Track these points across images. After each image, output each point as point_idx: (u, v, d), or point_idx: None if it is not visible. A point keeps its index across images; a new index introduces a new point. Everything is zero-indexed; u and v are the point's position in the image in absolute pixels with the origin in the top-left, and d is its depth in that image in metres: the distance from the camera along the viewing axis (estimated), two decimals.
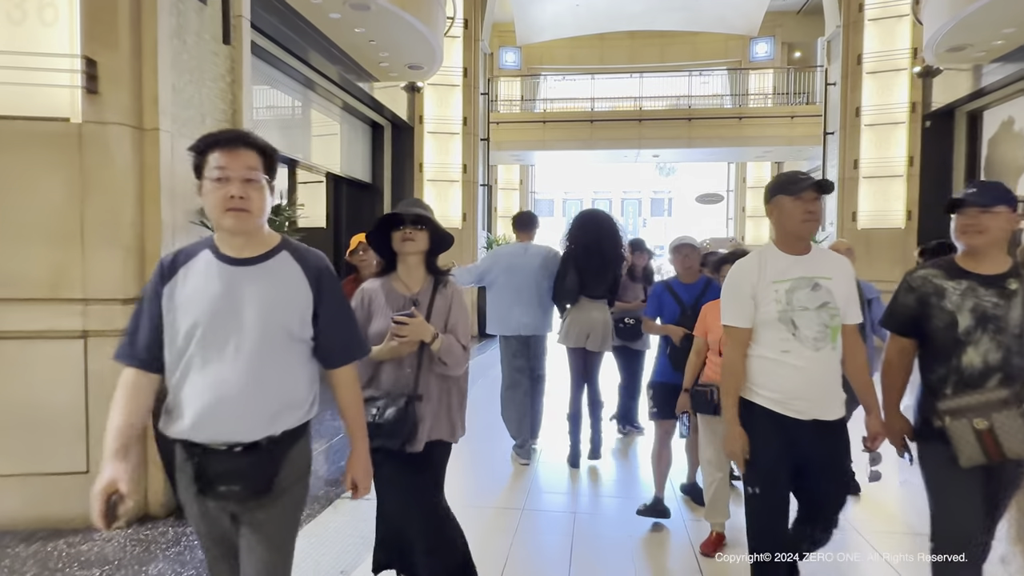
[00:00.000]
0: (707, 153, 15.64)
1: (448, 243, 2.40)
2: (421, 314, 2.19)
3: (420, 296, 2.29)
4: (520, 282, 4.36)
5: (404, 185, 11.22)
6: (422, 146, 11.20)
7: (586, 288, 4.28)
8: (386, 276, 2.35)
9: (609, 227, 4.38)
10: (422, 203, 2.44)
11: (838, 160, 10.72)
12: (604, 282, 4.32)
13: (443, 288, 2.34)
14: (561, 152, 15.44)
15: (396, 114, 10.53)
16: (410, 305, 2.21)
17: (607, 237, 4.32)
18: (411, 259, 2.31)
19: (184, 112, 3.50)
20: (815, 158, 14.94)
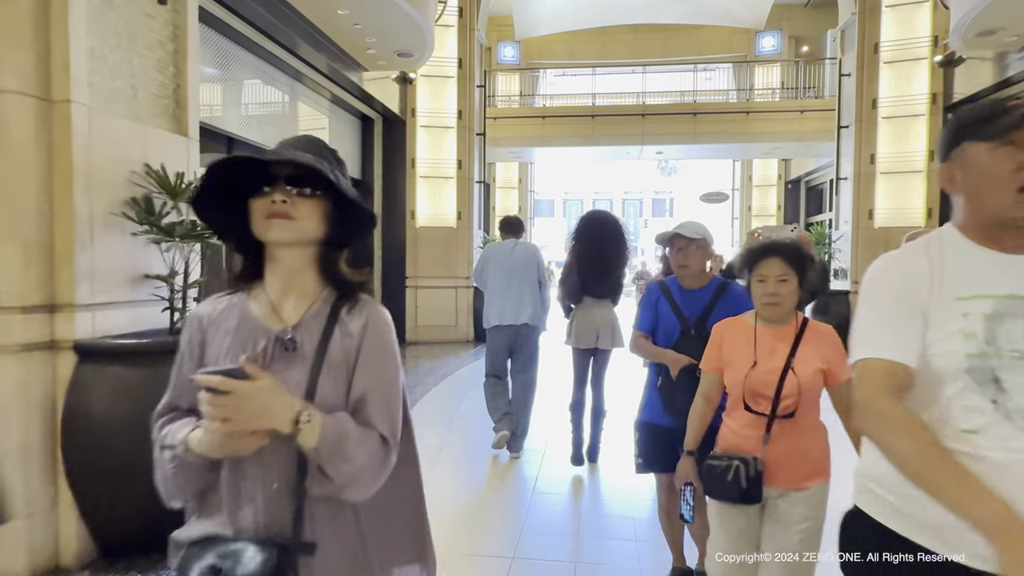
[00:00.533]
0: (712, 150, 15.09)
1: (366, 225, 1.30)
2: (275, 370, 1.12)
3: (301, 332, 1.18)
4: (506, 276, 4.54)
5: (396, 181, 10.66)
6: (414, 141, 10.64)
7: (589, 288, 4.30)
8: (242, 291, 1.24)
9: (613, 228, 4.38)
10: (319, 143, 1.27)
11: (853, 155, 10.15)
12: (608, 282, 4.33)
13: (349, 315, 1.22)
14: (561, 149, 14.88)
15: (387, 107, 9.98)
16: (257, 351, 1.15)
17: (611, 238, 4.31)
18: (287, 256, 1.20)
19: (109, 83, 2.94)
20: (826, 155, 14.38)
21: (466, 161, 10.86)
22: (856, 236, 10.09)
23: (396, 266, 10.70)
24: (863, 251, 9.99)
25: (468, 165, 10.90)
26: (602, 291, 4.32)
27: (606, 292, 4.35)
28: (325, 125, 9.66)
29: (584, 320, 4.30)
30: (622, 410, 4.60)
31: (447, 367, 8.23)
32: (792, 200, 17.51)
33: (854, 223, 10.11)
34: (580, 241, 4.33)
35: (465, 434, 5.24)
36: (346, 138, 10.01)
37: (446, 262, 10.79)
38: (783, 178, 17.53)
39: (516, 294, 4.53)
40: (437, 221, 10.78)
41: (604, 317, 4.31)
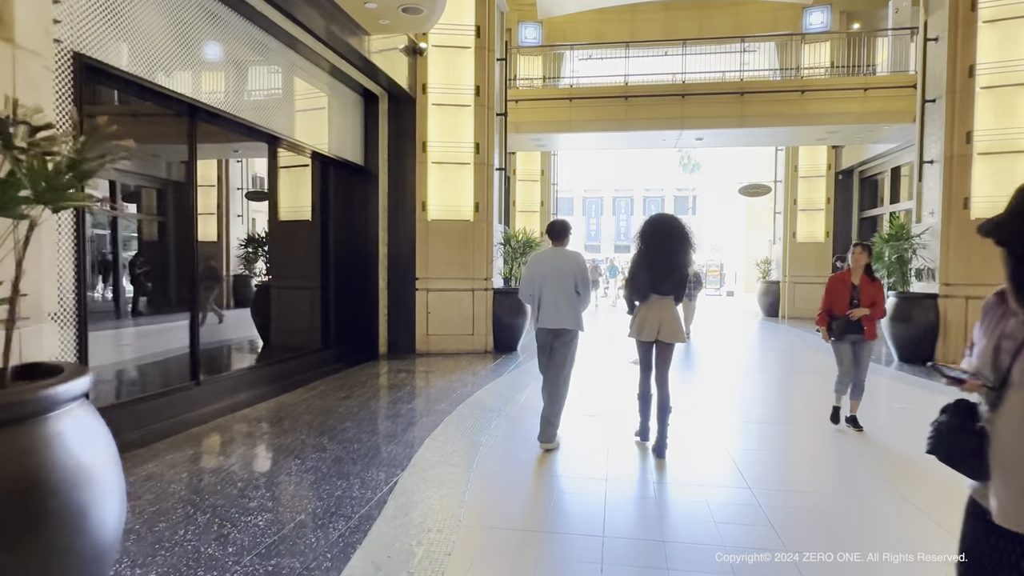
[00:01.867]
0: (760, 135, 13.51)
1: None
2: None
3: None
4: (554, 284, 4.70)
5: (404, 168, 9.27)
6: (425, 121, 9.25)
7: (656, 286, 4.58)
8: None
9: (678, 230, 4.60)
10: None
11: (943, 134, 8.57)
12: (672, 281, 4.57)
13: None
14: (590, 135, 13.39)
15: (394, 81, 8.60)
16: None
17: (676, 239, 4.56)
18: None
19: None
20: (889, 140, 12.75)
21: (485, 145, 9.45)
22: (947, 229, 8.50)
23: (404, 265, 9.31)
24: (956, 247, 8.41)
25: (487, 150, 9.49)
26: (666, 288, 4.58)
27: (670, 289, 4.60)
28: (325, 104, 8.32)
29: (648, 316, 4.60)
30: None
31: (462, 387, 6.82)
32: (843, 192, 15.85)
33: (944, 214, 8.53)
34: (647, 242, 4.62)
35: (486, 493, 3.81)
36: (346, 117, 8.65)
37: (462, 261, 9.39)
38: (833, 168, 15.88)
39: (552, 301, 4.72)
40: (452, 213, 9.37)
41: (667, 313, 4.59)
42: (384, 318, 9.24)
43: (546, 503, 3.65)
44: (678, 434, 4.91)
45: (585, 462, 4.48)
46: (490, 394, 6.49)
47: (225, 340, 7.83)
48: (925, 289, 8.86)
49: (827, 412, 5.54)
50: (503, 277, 10.09)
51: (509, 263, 10.01)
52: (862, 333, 5.11)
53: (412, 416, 5.54)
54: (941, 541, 3.11)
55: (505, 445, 4.74)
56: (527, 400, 6.26)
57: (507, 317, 9.68)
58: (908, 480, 4.05)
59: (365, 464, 4.16)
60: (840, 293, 5.16)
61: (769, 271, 17.58)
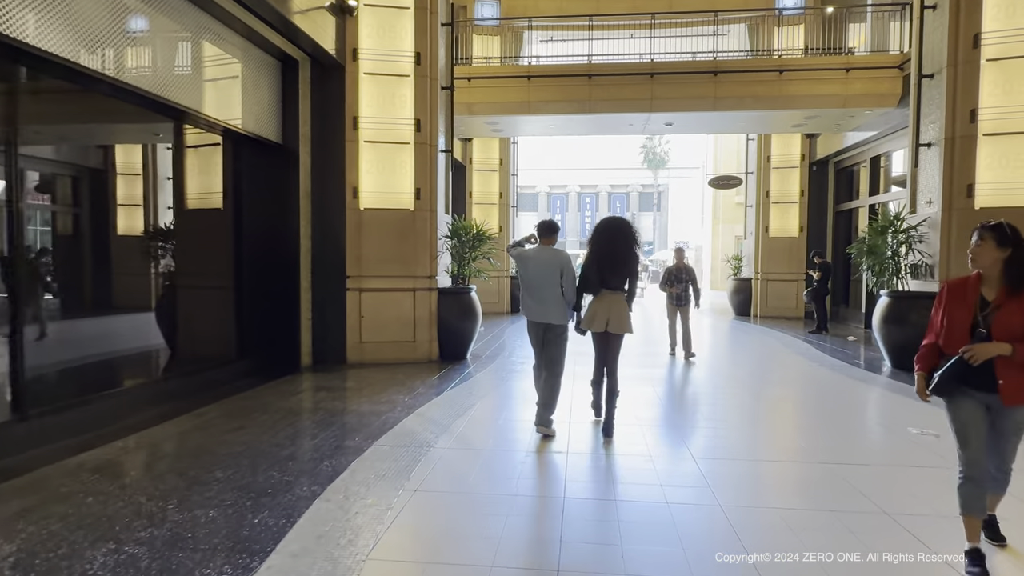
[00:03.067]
0: (733, 120, 12.51)
1: None
2: None
3: None
4: (540, 280, 4.96)
5: (331, 147, 7.93)
6: (356, 93, 7.92)
7: (605, 281, 4.94)
8: None
9: (625, 231, 5.01)
10: None
11: (943, 113, 7.61)
12: (621, 276, 4.97)
13: None
14: (550, 119, 12.20)
15: (318, 45, 7.27)
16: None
17: (622, 239, 4.95)
18: None
19: None
20: (869, 127, 11.88)
21: (427, 122, 8.16)
22: (948, 220, 7.55)
23: (332, 261, 7.97)
24: (958, 240, 7.46)
25: (430, 128, 8.20)
26: (615, 283, 4.95)
27: (618, 284, 4.96)
28: (238, 72, 6.94)
29: (599, 309, 4.91)
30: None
31: (391, 411, 5.55)
32: (818, 185, 15.03)
33: (944, 203, 7.58)
34: (598, 242, 5.00)
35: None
36: (260, 86, 7.27)
37: (401, 256, 8.10)
38: (807, 159, 15.03)
39: (538, 297, 4.96)
40: (389, 201, 8.07)
41: (616, 307, 4.90)
42: (307, 324, 7.88)
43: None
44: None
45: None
46: (423, 421, 5.23)
47: (110, 352, 6.38)
48: (922, 287, 7.91)
49: (836, 445, 4.45)
50: (450, 275, 8.83)
51: (457, 259, 8.75)
52: (996, 390, 2.73)
53: (311, 458, 4.24)
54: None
55: (427, 508, 3.50)
56: (468, 428, 5.03)
57: (455, 321, 8.42)
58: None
59: (208, 555, 2.86)
60: (959, 315, 2.84)
61: (740, 268, 16.69)
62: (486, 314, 16.20)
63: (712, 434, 5.17)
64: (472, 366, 8.08)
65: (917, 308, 7.75)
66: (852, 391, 6.86)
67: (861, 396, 6.68)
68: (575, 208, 62.41)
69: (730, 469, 4.21)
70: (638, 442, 4.79)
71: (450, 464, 4.17)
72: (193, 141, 6.80)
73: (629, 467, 4.24)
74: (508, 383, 7.17)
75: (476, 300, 8.69)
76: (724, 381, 7.39)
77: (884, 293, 8.11)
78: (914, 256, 8.00)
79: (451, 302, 8.43)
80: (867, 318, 12.94)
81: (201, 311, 6.97)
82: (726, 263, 18.07)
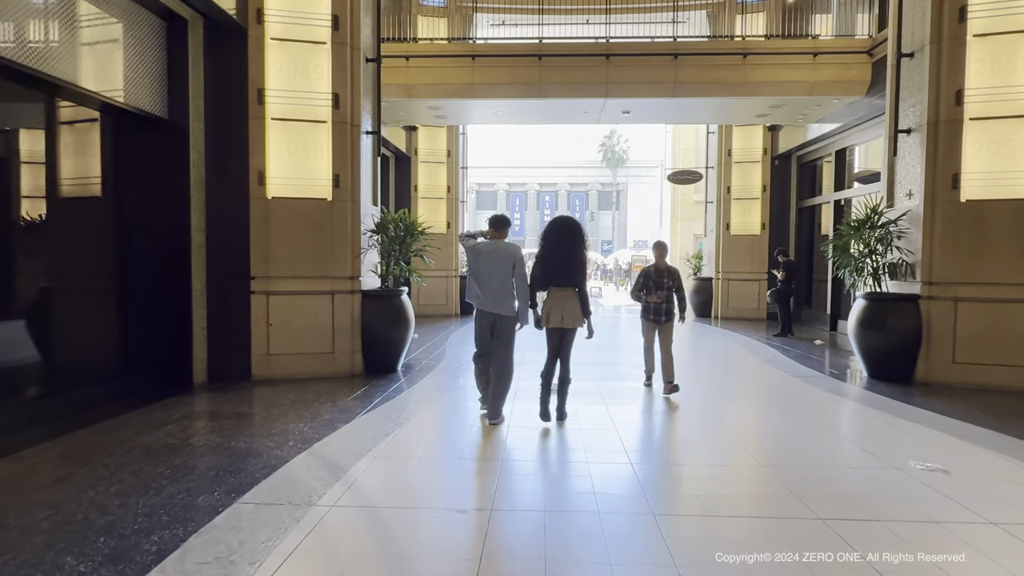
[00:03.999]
0: (695, 108, 11.67)
1: None
2: None
3: None
4: (491, 272, 5.11)
5: (230, 124, 6.72)
6: (262, 61, 6.73)
7: (554, 279, 5.16)
8: None
9: (572, 231, 5.27)
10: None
11: (925, 96, 6.85)
12: (569, 274, 5.16)
13: None
14: (498, 104, 11.16)
15: (212, 1, 6.06)
16: None
17: (569, 238, 5.22)
18: None
19: None
20: (836, 118, 11.21)
21: (348, 98, 7.02)
22: (931, 214, 6.80)
23: (233, 259, 6.77)
24: (943, 237, 6.72)
25: (352, 104, 7.06)
26: (565, 280, 5.16)
27: (566, 281, 5.16)
28: (115, 35, 5.69)
29: (553, 306, 5.16)
30: None
31: (280, 446, 4.41)
32: (780, 180, 14.39)
33: (927, 195, 6.82)
34: (548, 240, 5.26)
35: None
36: (139, 51, 6.01)
37: (317, 253, 6.95)
38: (769, 153, 14.38)
39: (489, 288, 5.11)
40: (302, 189, 6.90)
41: (568, 303, 5.15)
42: (202, 334, 6.64)
43: None
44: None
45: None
46: (316, 462, 4.11)
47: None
48: (902, 289, 7.16)
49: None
50: (379, 275, 7.70)
51: (386, 257, 7.62)
52: None
53: (136, 531, 3.09)
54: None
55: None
56: (372, 473, 3.94)
57: (383, 328, 7.30)
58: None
59: None
60: None
61: (701, 267, 15.97)
62: (432, 317, 15.11)
63: (683, 484, 4.20)
64: (403, 379, 6.99)
65: (897, 312, 6.99)
66: (835, 411, 6.01)
67: (847, 417, 5.83)
68: (534, 207, 61.63)
69: (699, 529, 3.23)
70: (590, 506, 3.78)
71: (331, 536, 3.08)
72: (67, 117, 5.54)
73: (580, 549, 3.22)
74: (441, 401, 6.10)
75: (408, 304, 7.59)
76: (691, 402, 6.47)
77: (860, 295, 7.33)
78: (893, 254, 7.24)
79: (378, 307, 7.31)
80: (832, 320, 12.31)
81: (71, 319, 5.69)
82: (685, 262, 17.36)
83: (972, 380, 6.60)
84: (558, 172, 61.68)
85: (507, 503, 3.52)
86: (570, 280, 5.15)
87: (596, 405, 5.92)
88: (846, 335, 11.70)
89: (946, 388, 6.64)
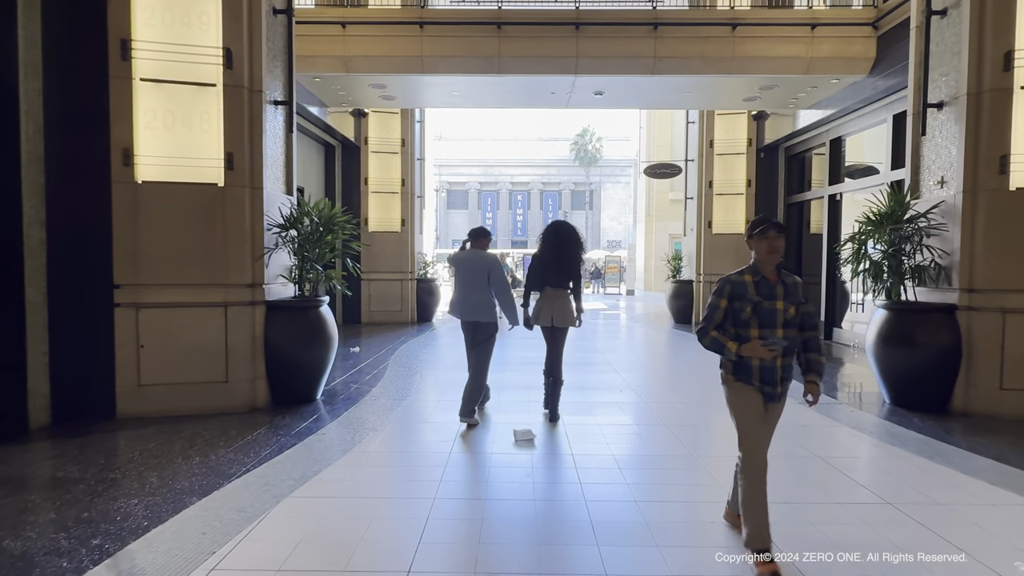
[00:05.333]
0: (675, 90, 10.33)
1: None
2: None
3: None
4: (468, 281, 5.25)
5: (84, 86, 5.14)
6: (127, 2, 5.16)
7: (550, 280, 5.34)
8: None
9: (569, 235, 5.42)
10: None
11: (964, 60, 5.58)
12: (565, 276, 5.35)
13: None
14: (450, 80, 9.69)
15: None
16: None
17: (567, 242, 5.38)
18: None
19: None
20: (831, 103, 9.99)
21: (245, 55, 5.49)
22: (971, 206, 5.52)
23: (87, 263, 5.19)
24: (988, 232, 5.46)
25: (250, 64, 5.53)
26: (560, 282, 5.35)
27: (562, 282, 5.35)
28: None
29: (544, 305, 5.33)
30: None
31: (93, 544, 2.90)
32: (766, 173, 13.16)
33: (966, 183, 5.54)
34: (544, 243, 5.43)
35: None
36: None
37: (206, 253, 5.42)
38: (754, 143, 13.16)
39: (467, 296, 5.25)
40: (185, 171, 5.36)
41: (560, 303, 5.32)
42: (41, 360, 5.03)
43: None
44: None
45: None
46: None
47: None
48: (934, 297, 5.88)
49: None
50: (292, 281, 6.18)
51: (300, 257, 6.09)
52: None
53: None
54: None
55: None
56: None
57: (295, 348, 5.79)
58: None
59: None
60: None
61: (680, 268, 14.70)
62: (385, 325, 13.41)
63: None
64: (322, 412, 5.51)
65: (929, 325, 5.70)
66: (870, 460, 4.63)
67: (890, 472, 4.31)
68: (507, 206, 60.20)
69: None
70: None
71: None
72: None
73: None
74: (370, 445, 4.60)
75: (328, 317, 6.08)
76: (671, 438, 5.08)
77: (881, 304, 6.03)
78: (922, 255, 5.95)
79: (289, 321, 5.80)
80: (827, 327, 11.11)
81: None
82: (662, 263, 16.11)
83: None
84: (531, 171, 60.47)
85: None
86: (565, 282, 5.36)
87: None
88: (845, 345, 10.57)
89: (993, 421, 5.36)
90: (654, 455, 4.62)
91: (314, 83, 9.51)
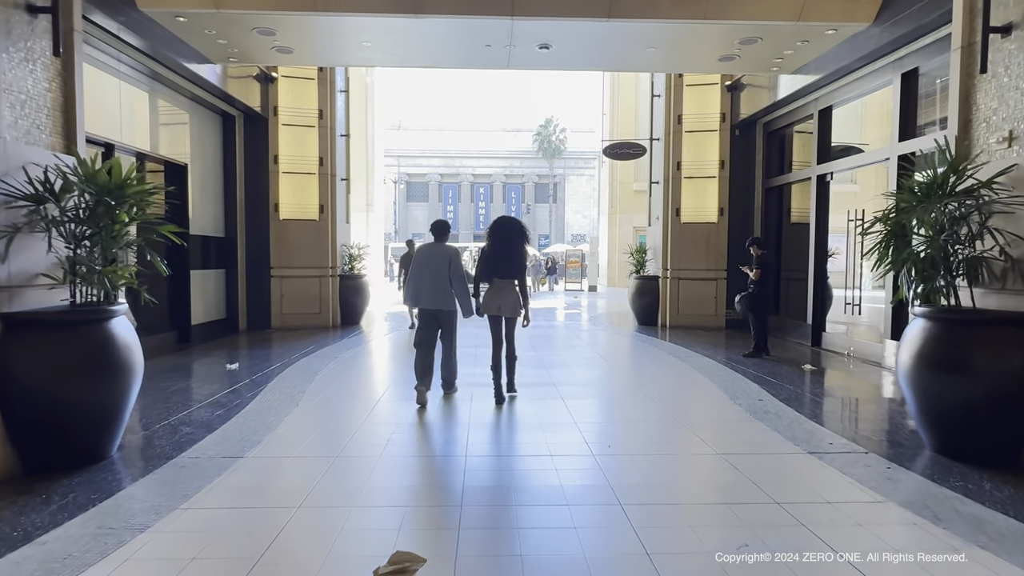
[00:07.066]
0: (636, 46, 8.45)
1: None
2: None
3: None
4: (431, 272, 5.74)
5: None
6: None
7: (496, 272, 5.75)
8: None
9: (514, 229, 5.81)
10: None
11: None
12: (510, 268, 5.72)
13: None
14: (355, 22, 7.64)
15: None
16: None
17: (512, 237, 5.77)
18: None
19: None
20: (824, 64, 8.28)
21: None
22: None
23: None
24: None
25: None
26: (506, 273, 5.73)
27: (509, 274, 5.73)
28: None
29: (493, 296, 5.75)
30: None
31: None
32: (742, 152, 11.48)
33: None
34: (490, 238, 5.82)
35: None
36: None
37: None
38: (728, 119, 11.45)
39: (430, 285, 5.72)
40: None
41: (507, 294, 5.72)
42: None
43: None
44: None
45: None
46: None
47: None
48: (1003, 302, 4.14)
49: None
50: (62, 283, 4.10)
51: (73, 243, 4.01)
52: None
53: None
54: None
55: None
56: None
57: (62, 384, 3.75)
58: None
59: None
60: None
61: (644, 263, 12.94)
62: (299, 330, 10.74)
63: None
64: (112, 481, 3.50)
65: (995, 344, 3.95)
66: None
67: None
68: (468, 199, 58.04)
69: None
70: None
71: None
72: None
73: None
74: None
75: (122, 335, 4.04)
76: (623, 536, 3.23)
77: (921, 312, 4.27)
78: (982, 242, 4.19)
79: (49, 344, 3.75)
80: (814, 332, 9.45)
81: None
82: (625, 257, 14.36)
83: None
84: (493, 163, 58.48)
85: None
86: (511, 274, 5.72)
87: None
88: (840, 354, 8.86)
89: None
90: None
91: (179, 25, 7.36)
